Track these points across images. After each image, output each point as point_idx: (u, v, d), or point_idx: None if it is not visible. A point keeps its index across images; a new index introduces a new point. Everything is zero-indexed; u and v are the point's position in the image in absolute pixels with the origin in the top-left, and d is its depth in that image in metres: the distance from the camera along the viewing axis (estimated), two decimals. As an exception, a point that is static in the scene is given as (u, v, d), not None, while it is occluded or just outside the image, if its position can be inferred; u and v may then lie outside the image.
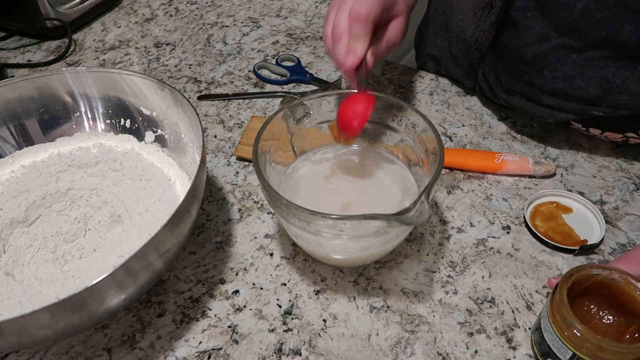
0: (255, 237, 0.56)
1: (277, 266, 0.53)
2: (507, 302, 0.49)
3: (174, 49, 0.84)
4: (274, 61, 0.79)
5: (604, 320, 0.42)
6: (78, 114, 0.61)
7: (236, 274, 0.53)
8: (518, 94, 0.63)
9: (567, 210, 0.56)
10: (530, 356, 0.45)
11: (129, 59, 0.83)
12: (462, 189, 0.59)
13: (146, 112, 0.59)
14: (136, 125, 0.60)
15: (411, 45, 1.43)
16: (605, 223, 0.54)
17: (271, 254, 0.54)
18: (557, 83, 0.58)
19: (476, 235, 0.55)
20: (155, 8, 0.95)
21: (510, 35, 0.61)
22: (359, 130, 0.51)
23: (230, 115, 0.71)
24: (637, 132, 0.58)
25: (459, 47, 0.68)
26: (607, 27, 0.53)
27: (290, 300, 0.50)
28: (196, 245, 0.55)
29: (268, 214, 0.58)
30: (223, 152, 0.66)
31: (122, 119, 0.60)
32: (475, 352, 0.46)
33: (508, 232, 0.55)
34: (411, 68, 0.77)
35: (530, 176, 0.60)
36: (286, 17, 0.90)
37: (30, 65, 0.83)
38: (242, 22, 0.89)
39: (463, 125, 0.67)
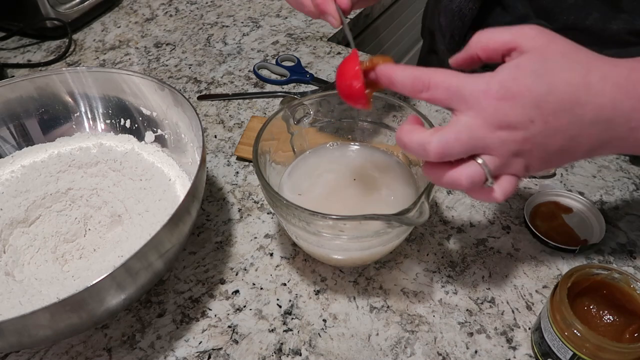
0: (255, 237, 0.56)
1: (277, 266, 0.53)
2: (507, 302, 0.49)
3: (174, 49, 0.84)
4: (274, 61, 0.79)
5: (604, 320, 0.42)
6: (78, 114, 0.61)
7: (236, 274, 0.53)
8: (493, 70, 0.65)
9: (567, 210, 0.56)
10: (530, 356, 0.45)
11: (129, 59, 0.83)
12: (462, 189, 0.59)
13: (146, 112, 0.59)
14: (136, 125, 0.60)
15: (411, 45, 1.43)
16: (605, 223, 0.54)
17: (271, 254, 0.54)
18: None
19: (476, 235, 0.55)
20: (155, 8, 0.95)
21: (496, 14, 0.63)
22: (362, 89, 0.42)
23: (230, 115, 0.71)
24: None
25: (445, 17, 0.70)
26: (576, 12, 0.55)
27: (290, 300, 0.50)
28: (196, 245, 0.55)
29: (268, 214, 0.58)
30: (223, 152, 0.66)
31: (122, 119, 0.60)
32: (475, 352, 0.46)
33: (508, 232, 0.55)
34: (411, 68, 0.77)
35: (530, 176, 0.60)
36: (286, 17, 0.90)
37: (30, 65, 0.83)
38: (242, 22, 0.89)
39: (463, 125, 0.67)
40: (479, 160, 0.36)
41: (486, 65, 0.71)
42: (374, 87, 0.42)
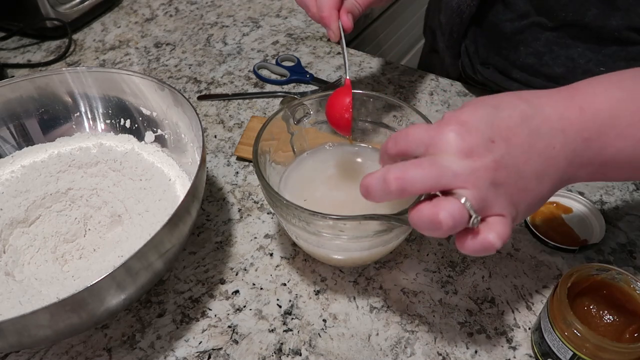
0: (255, 237, 0.56)
1: (277, 266, 0.53)
2: (507, 302, 0.49)
3: (174, 49, 0.84)
4: (274, 61, 0.79)
5: (604, 320, 0.42)
6: (78, 114, 0.61)
7: (236, 274, 0.53)
8: (492, 67, 0.68)
9: (567, 210, 0.56)
10: (530, 356, 0.45)
11: (129, 59, 0.83)
12: (462, 189, 0.59)
13: (146, 112, 0.59)
14: (136, 125, 0.60)
15: (411, 45, 1.43)
16: (605, 223, 0.54)
17: (271, 254, 0.54)
18: (529, 58, 0.62)
19: (476, 235, 0.55)
20: (155, 8, 0.95)
21: (496, 11, 0.64)
22: (350, 120, 0.49)
23: (230, 115, 0.71)
24: None
25: (445, 14, 0.70)
26: (574, 9, 0.56)
27: (290, 300, 0.50)
28: (196, 245, 0.55)
29: (268, 214, 0.58)
30: (223, 152, 0.66)
31: (122, 119, 0.60)
32: (475, 352, 0.46)
33: (508, 232, 0.55)
34: (411, 68, 0.77)
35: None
36: (286, 17, 0.90)
37: (30, 65, 0.83)
38: (242, 22, 0.89)
39: (463, 125, 0.67)
40: (459, 197, 0.33)
41: (483, 83, 0.69)
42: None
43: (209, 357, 0.47)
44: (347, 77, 0.50)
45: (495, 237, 0.33)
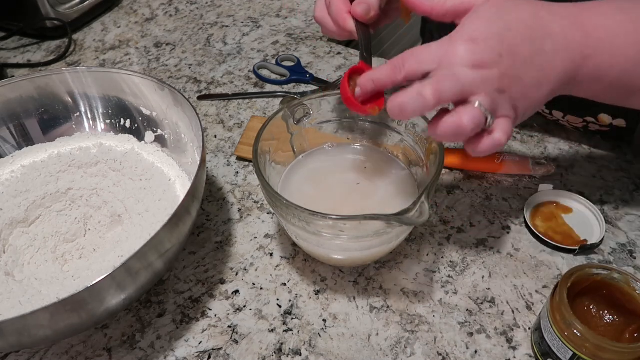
0: (255, 237, 0.56)
1: (277, 266, 0.53)
2: (507, 302, 0.49)
3: (174, 49, 0.84)
4: (274, 61, 0.79)
5: (604, 320, 0.42)
6: (78, 114, 0.61)
7: (236, 274, 0.53)
8: None
9: (567, 210, 0.56)
10: (530, 356, 0.45)
11: (129, 59, 0.83)
12: (462, 189, 0.59)
13: (146, 112, 0.59)
14: (136, 125, 0.60)
15: (411, 45, 1.44)
16: (605, 223, 0.54)
17: (271, 254, 0.54)
18: None
19: (476, 235, 0.55)
20: (155, 8, 0.95)
21: None
22: (349, 97, 0.45)
23: (230, 115, 0.71)
24: (596, 118, 0.59)
25: None
26: None
27: (290, 300, 0.50)
28: (196, 245, 0.55)
29: (268, 214, 0.58)
30: (223, 152, 0.66)
31: (122, 119, 0.60)
32: (475, 352, 0.46)
33: (508, 232, 0.55)
34: (411, 68, 0.77)
35: (530, 176, 0.60)
36: (286, 17, 0.90)
37: (30, 65, 0.83)
38: (242, 22, 0.89)
39: (463, 125, 0.67)
40: (475, 103, 0.37)
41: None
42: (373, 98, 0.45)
43: (209, 357, 0.47)
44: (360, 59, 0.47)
45: (501, 134, 0.39)
